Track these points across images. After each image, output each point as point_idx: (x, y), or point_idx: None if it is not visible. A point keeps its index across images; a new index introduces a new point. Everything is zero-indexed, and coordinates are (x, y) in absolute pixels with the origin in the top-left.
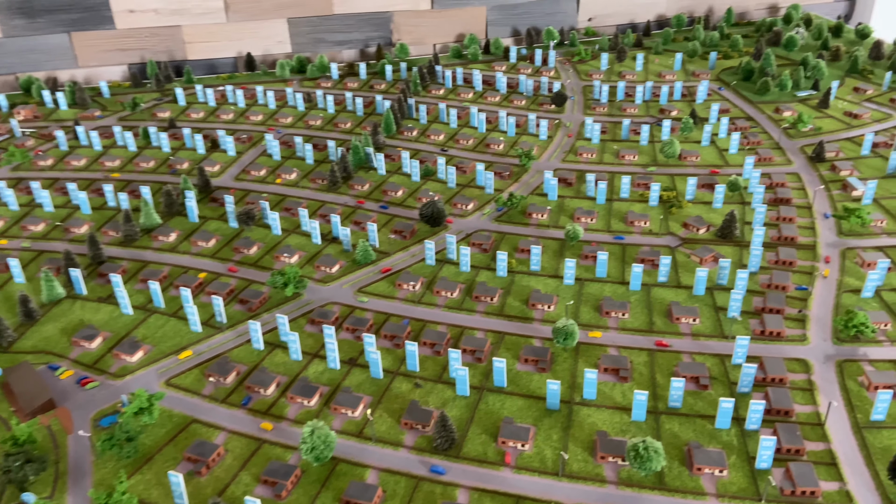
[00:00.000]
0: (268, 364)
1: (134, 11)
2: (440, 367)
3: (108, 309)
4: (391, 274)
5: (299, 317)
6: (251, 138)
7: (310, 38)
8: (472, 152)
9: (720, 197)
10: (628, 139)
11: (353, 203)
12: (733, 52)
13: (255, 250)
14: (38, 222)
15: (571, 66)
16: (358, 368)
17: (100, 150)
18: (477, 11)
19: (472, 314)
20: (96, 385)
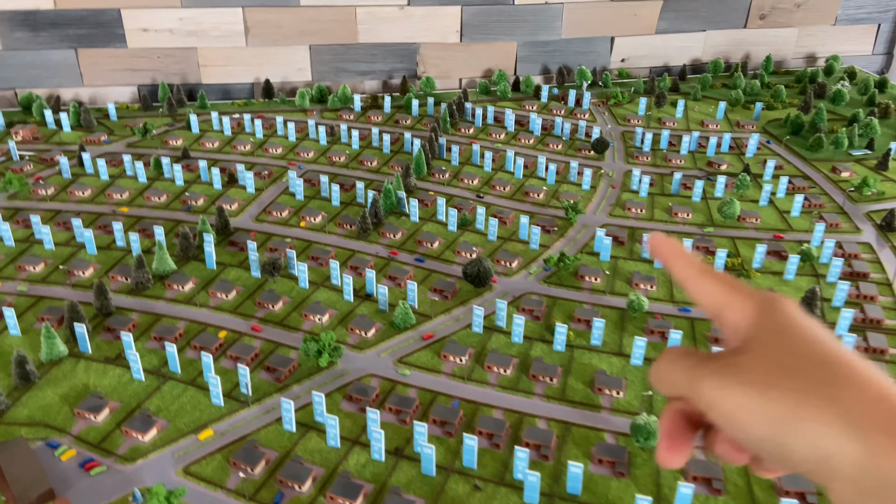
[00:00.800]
0: (301, 451)
1: (148, 30)
2: (500, 465)
3: (116, 372)
4: (434, 342)
5: (334, 391)
6: (271, 173)
7: (331, 66)
8: (509, 200)
9: (793, 268)
10: (679, 194)
11: (386, 254)
12: (776, 102)
13: (281, 306)
14: (37, 262)
15: (607, 110)
16: (405, 461)
17: (106, 181)
18: (507, 47)
19: (530, 397)
20: (103, 470)
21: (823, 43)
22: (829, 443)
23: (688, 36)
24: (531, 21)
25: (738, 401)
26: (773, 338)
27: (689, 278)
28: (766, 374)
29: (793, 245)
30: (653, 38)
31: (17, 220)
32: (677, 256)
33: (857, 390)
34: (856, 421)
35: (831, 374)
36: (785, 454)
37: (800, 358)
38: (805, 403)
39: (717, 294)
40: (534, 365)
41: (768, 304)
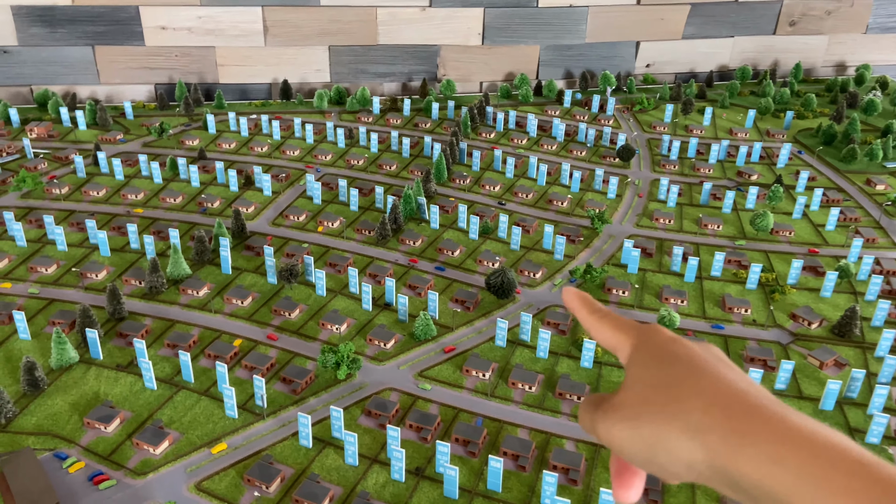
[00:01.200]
0: (318, 469)
1: (166, 28)
2: (527, 489)
3: (128, 380)
4: (456, 355)
5: (352, 405)
6: (289, 176)
7: (350, 68)
8: (532, 208)
9: (830, 284)
10: (708, 205)
11: (406, 262)
12: (807, 111)
13: (298, 314)
14: (49, 263)
15: (632, 116)
16: (427, 482)
17: (121, 180)
18: (529, 50)
19: (556, 416)
20: (112, 484)
21: (854, 51)
22: (683, 453)
23: (715, 42)
24: (555, 24)
25: (620, 436)
26: (640, 371)
27: (588, 325)
28: (633, 408)
29: (829, 260)
30: (679, 43)
31: (29, 220)
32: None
33: (699, 400)
34: (695, 428)
35: (681, 393)
36: (665, 470)
37: (657, 386)
38: (660, 424)
39: (609, 338)
40: (560, 382)
41: (640, 341)
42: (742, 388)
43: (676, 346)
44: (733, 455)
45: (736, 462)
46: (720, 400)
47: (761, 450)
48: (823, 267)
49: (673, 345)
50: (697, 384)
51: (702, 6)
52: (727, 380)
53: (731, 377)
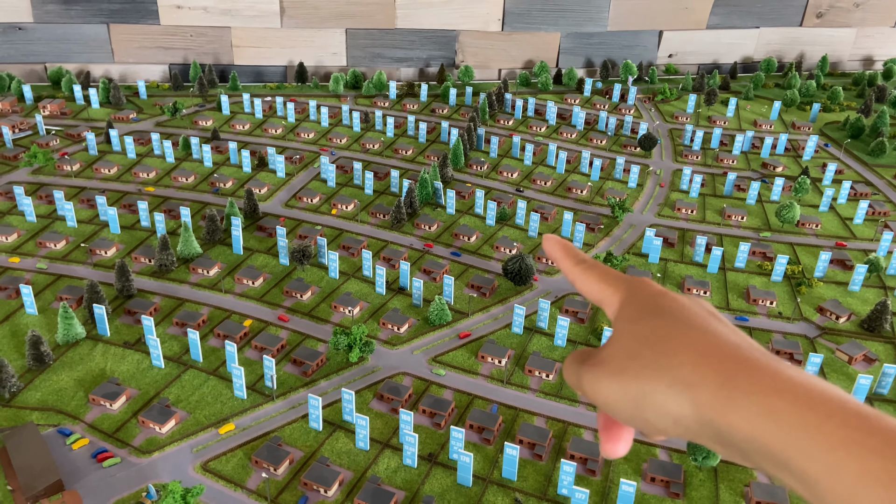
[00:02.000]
0: (328, 452)
1: (181, 8)
2: (543, 478)
3: (135, 358)
4: (471, 341)
5: (364, 388)
6: (303, 158)
7: (367, 52)
8: (551, 195)
9: (860, 279)
10: (732, 196)
11: (421, 246)
12: (833, 104)
13: (310, 296)
14: (58, 239)
15: (654, 106)
16: (440, 468)
17: (133, 159)
18: (550, 38)
19: (574, 405)
20: (116, 462)
21: (882, 45)
22: (671, 407)
23: (740, 32)
24: (577, 11)
25: (606, 391)
26: (628, 325)
27: (573, 277)
28: (620, 362)
29: (857, 254)
30: (703, 33)
31: (39, 196)
32: (564, 256)
33: (689, 355)
34: (683, 382)
35: (668, 347)
36: (650, 424)
37: (645, 340)
38: (647, 379)
39: (596, 290)
40: None
41: (629, 294)
42: (733, 342)
43: (666, 299)
44: (724, 409)
45: (726, 416)
46: (711, 353)
47: (753, 403)
48: (852, 260)
49: (662, 298)
50: (687, 338)
51: None
52: (718, 333)
53: (723, 331)
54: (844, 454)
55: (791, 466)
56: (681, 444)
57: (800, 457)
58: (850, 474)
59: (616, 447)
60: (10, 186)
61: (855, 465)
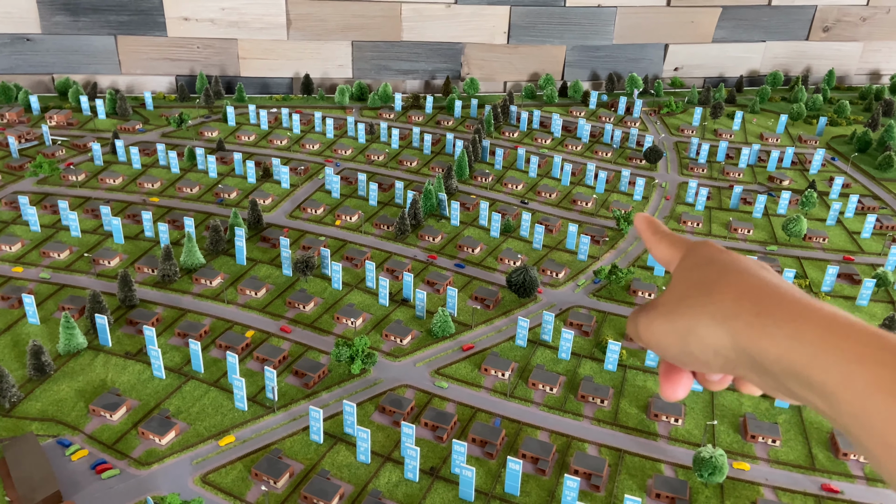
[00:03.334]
0: (329, 465)
1: (189, 20)
2: (546, 493)
3: (136, 368)
4: (474, 353)
5: (366, 401)
6: (307, 169)
7: (373, 64)
8: (555, 207)
9: (867, 293)
10: (738, 209)
11: (425, 258)
12: (840, 118)
13: (313, 307)
14: (62, 248)
15: (659, 119)
16: (441, 483)
17: (139, 169)
18: (556, 50)
19: (578, 419)
20: (115, 473)
21: (889, 59)
22: (711, 339)
23: (746, 46)
24: (582, 24)
25: (658, 331)
26: (683, 274)
27: (650, 245)
28: (671, 304)
29: (865, 268)
30: (709, 46)
31: (44, 206)
32: (646, 227)
33: (728, 292)
34: (722, 315)
35: (713, 287)
36: (695, 359)
37: (694, 284)
38: (692, 315)
39: (665, 252)
40: (583, 384)
41: (689, 251)
42: (774, 283)
43: (722, 253)
44: (756, 336)
45: (759, 342)
46: (750, 291)
47: (781, 328)
48: (859, 275)
49: (718, 253)
50: (731, 280)
51: (733, 9)
52: (761, 276)
53: (766, 275)
54: (857, 366)
55: (812, 382)
56: (687, 459)
57: (819, 372)
58: (862, 383)
59: (675, 390)
60: (16, 196)
61: (866, 375)
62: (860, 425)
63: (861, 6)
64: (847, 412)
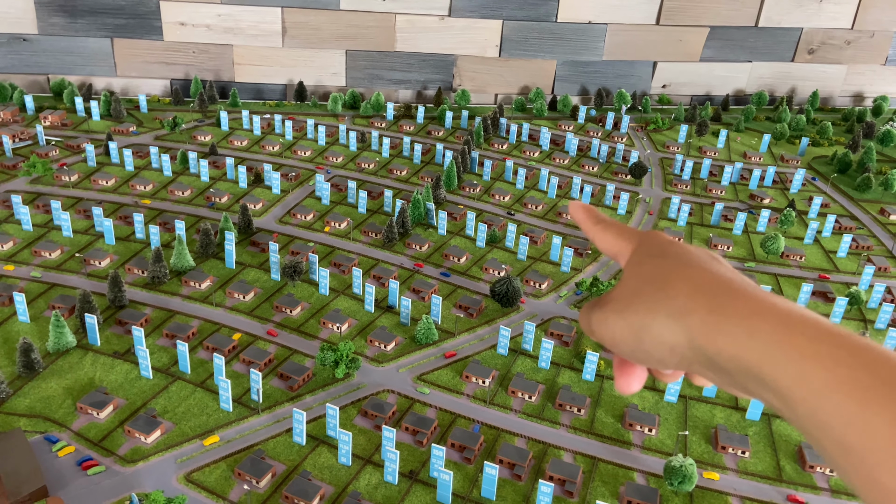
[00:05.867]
0: (310, 466)
1: (185, 25)
2: (522, 498)
3: (124, 368)
4: (456, 360)
5: (349, 405)
6: (298, 175)
7: (366, 73)
8: (541, 219)
9: (840, 311)
10: (719, 225)
11: (411, 266)
12: (822, 139)
13: (299, 311)
14: (53, 248)
15: (645, 135)
16: (420, 486)
17: (131, 171)
18: (546, 65)
19: (555, 427)
20: (101, 470)
21: (872, 82)
22: (667, 336)
23: (733, 66)
24: (573, 40)
25: (612, 327)
26: (635, 268)
27: (593, 235)
28: (624, 299)
29: (839, 287)
30: (697, 65)
31: (37, 205)
32: (585, 217)
33: (682, 287)
34: (679, 311)
35: (667, 283)
36: (649, 356)
37: (647, 278)
38: (647, 311)
39: (612, 244)
40: (561, 393)
41: (640, 243)
42: (727, 277)
43: (673, 245)
44: (711, 333)
45: (714, 339)
46: (704, 286)
47: (736, 325)
48: (833, 293)
49: (669, 245)
50: (685, 274)
51: (721, 29)
52: (714, 270)
53: (719, 269)
54: (813, 364)
55: (767, 380)
56: (658, 468)
57: (774, 369)
58: (818, 382)
59: (630, 383)
60: (9, 195)
61: (822, 373)
62: (816, 425)
63: (846, 30)
64: (803, 411)
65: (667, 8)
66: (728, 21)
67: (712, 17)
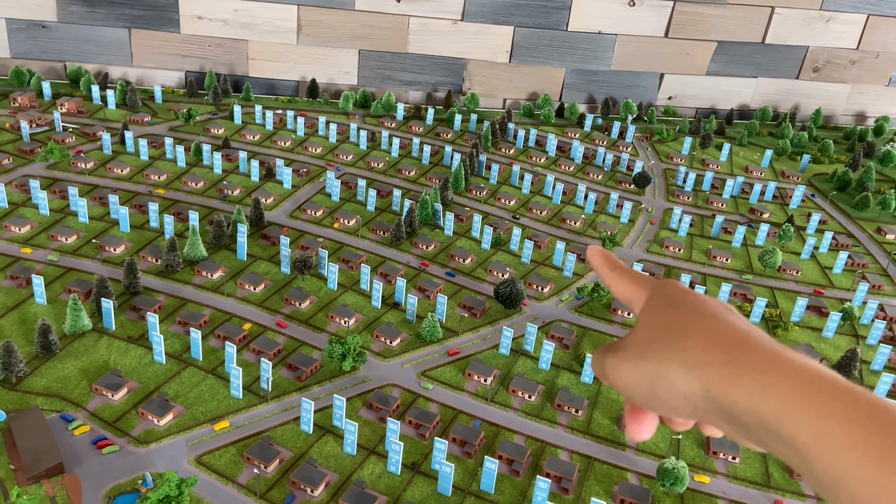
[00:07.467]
0: (317, 454)
1: (202, 18)
2: (519, 493)
3: (138, 352)
4: (459, 358)
5: (354, 396)
6: (309, 171)
7: (378, 73)
8: (546, 224)
9: (833, 325)
10: (719, 237)
11: (417, 265)
12: (823, 157)
13: (308, 305)
14: (69, 233)
15: (650, 145)
16: (421, 477)
17: (146, 161)
18: (555, 72)
19: (554, 426)
20: (115, 450)
21: (875, 102)
22: (681, 385)
23: (738, 81)
24: (582, 49)
25: (625, 374)
26: (650, 316)
27: (609, 281)
28: (639, 347)
29: (833, 302)
30: (703, 79)
31: (53, 190)
32: (602, 262)
33: (698, 338)
34: (692, 362)
35: (683, 333)
36: (663, 404)
37: (662, 327)
38: (662, 360)
39: (626, 290)
40: (560, 394)
41: (655, 291)
42: (743, 329)
43: (688, 295)
44: (727, 385)
45: (729, 392)
46: (719, 338)
47: (753, 379)
48: (827, 308)
49: (684, 294)
50: (701, 325)
51: (729, 45)
52: (730, 322)
53: (735, 321)
54: (830, 423)
55: (783, 436)
56: (651, 470)
57: (791, 426)
58: (835, 441)
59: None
60: (26, 179)
61: (839, 432)
62: (833, 481)
63: (851, 50)
64: (819, 468)
65: (676, 21)
66: (735, 37)
67: (720, 32)
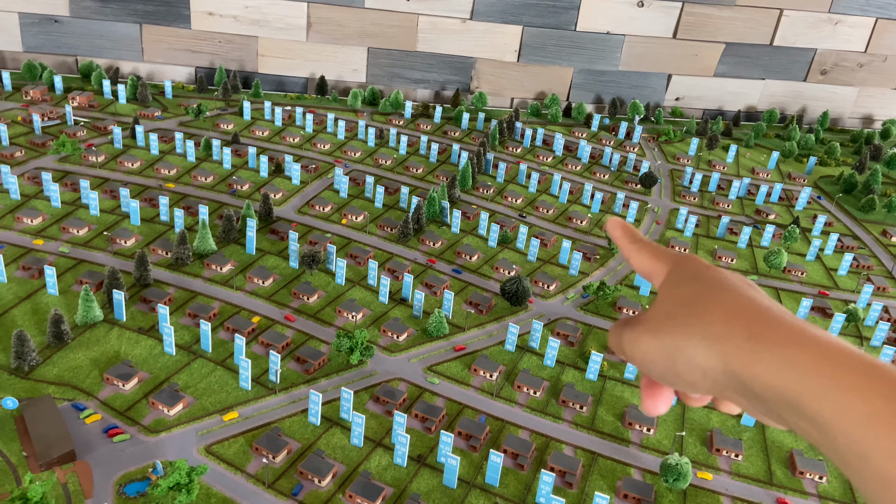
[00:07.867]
0: (324, 445)
1: (213, 14)
2: (523, 487)
3: (148, 343)
4: (465, 354)
5: (361, 390)
6: (318, 168)
7: (386, 71)
8: (552, 223)
9: (837, 327)
10: (724, 238)
11: (424, 261)
12: (830, 159)
13: (316, 299)
14: (81, 225)
15: (657, 146)
16: (427, 469)
17: (156, 155)
18: (563, 72)
19: (558, 422)
20: (126, 438)
21: (882, 106)
22: (700, 359)
23: (746, 82)
24: (590, 49)
25: (643, 347)
26: (670, 290)
27: (628, 254)
28: (657, 321)
29: (838, 303)
30: (710, 80)
31: (65, 183)
32: (622, 234)
33: (718, 312)
34: (712, 336)
35: (703, 307)
36: (681, 378)
37: (682, 301)
38: (680, 334)
39: (647, 264)
40: (565, 390)
41: (675, 265)
42: (764, 304)
43: (709, 270)
44: (747, 360)
45: (750, 367)
46: (740, 313)
47: (774, 354)
48: (832, 309)
49: (705, 269)
50: (721, 299)
51: (736, 46)
52: (751, 297)
53: (755, 296)
54: (852, 396)
55: (805, 411)
56: (655, 466)
57: (813, 401)
58: (858, 415)
59: (657, 405)
60: (38, 172)
61: (862, 406)
62: (856, 456)
63: (859, 53)
64: (842, 443)
65: (684, 23)
66: (743, 38)
67: (728, 33)
